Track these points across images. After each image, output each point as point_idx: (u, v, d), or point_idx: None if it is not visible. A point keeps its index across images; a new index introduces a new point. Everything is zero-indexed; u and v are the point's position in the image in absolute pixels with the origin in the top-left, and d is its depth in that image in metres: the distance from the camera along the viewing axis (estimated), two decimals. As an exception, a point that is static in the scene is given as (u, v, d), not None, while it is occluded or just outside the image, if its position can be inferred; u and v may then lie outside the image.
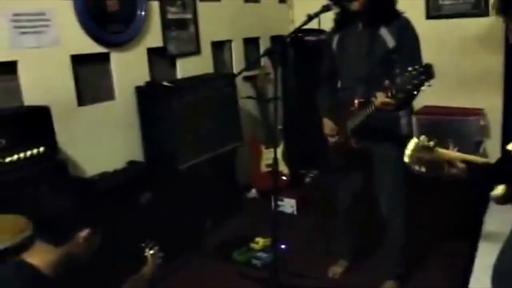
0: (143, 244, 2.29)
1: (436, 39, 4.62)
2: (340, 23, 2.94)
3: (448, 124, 4.66)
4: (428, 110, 4.75)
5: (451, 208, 4.19)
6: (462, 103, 4.69)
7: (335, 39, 2.98)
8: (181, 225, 3.62)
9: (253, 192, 4.82)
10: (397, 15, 2.79)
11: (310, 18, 2.75)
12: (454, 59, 4.60)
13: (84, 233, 1.63)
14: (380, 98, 2.53)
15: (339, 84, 3.10)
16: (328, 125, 3.08)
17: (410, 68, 2.33)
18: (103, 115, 3.57)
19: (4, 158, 2.68)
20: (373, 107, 2.62)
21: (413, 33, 2.80)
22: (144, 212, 3.39)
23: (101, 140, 3.53)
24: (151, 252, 2.28)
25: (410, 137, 1.80)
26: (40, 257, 1.59)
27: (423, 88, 2.36)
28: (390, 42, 2.75)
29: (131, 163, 3.68)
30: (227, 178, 4.40)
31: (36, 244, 1.62)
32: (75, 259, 1.67)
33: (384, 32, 2.76)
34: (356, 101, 2.78)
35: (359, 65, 2.85)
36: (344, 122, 2.92)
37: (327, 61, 3.11)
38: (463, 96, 4.69)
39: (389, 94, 2.49)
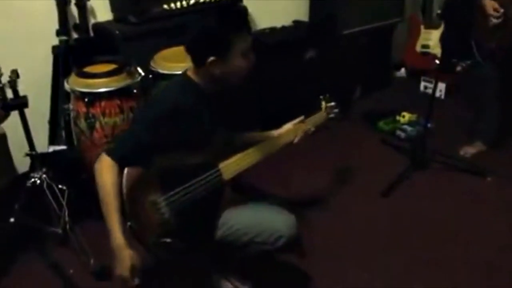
0: (321, 96, 2.71)
1: None
2: None
3: None
4: None
5: None
6: None
7: None
8: (334, 86, 3.92)
9: (402, 72, 5.28)
10: None
11: None
12: None
13: (210, 59, 2.01)
14: None
15: None
16: (490, 4, 3.29)
17: None
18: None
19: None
20: None
21: None
22: (306, 67, 4.03)
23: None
24: (327, 104, 2.71)
25: None
26: (195, 75, 2.13)
27: None
28: None
29: (297, 22, 4.26)
30: (381, 52, 4.89)
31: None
32: (223, 82, 2.12)
33: None
34: None
35: None
36: None
37: None
38: None
39: None
